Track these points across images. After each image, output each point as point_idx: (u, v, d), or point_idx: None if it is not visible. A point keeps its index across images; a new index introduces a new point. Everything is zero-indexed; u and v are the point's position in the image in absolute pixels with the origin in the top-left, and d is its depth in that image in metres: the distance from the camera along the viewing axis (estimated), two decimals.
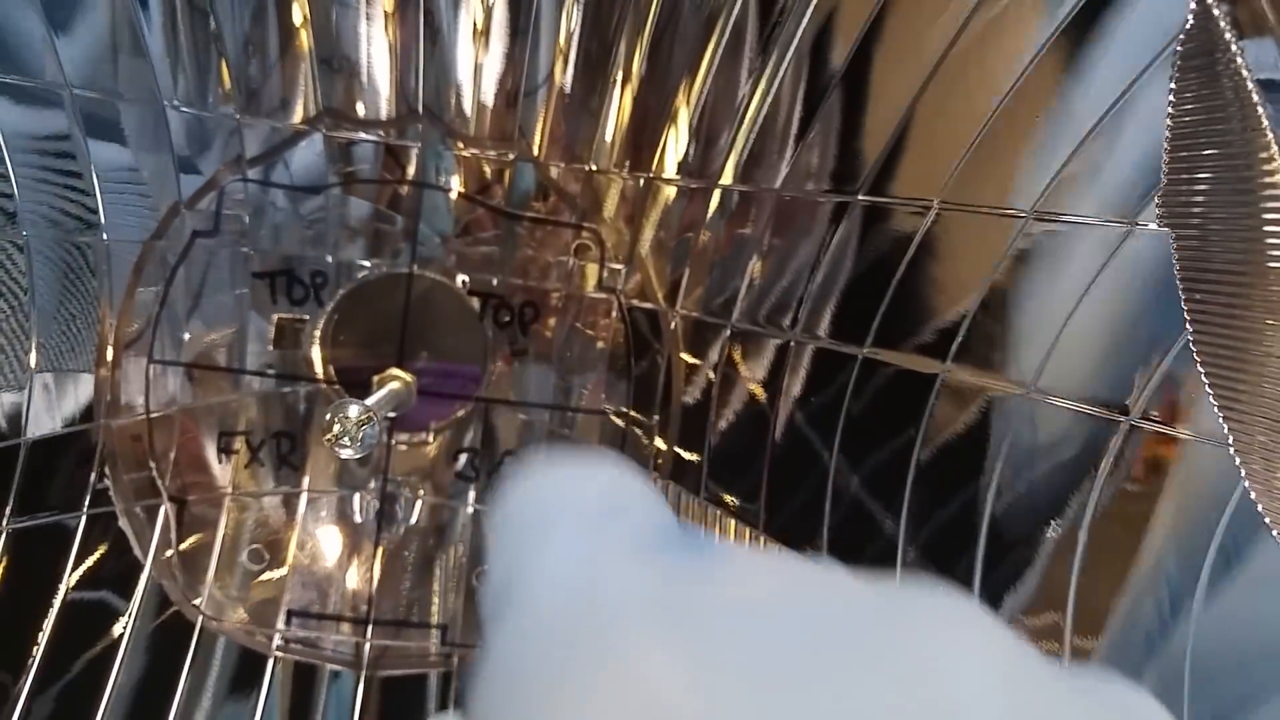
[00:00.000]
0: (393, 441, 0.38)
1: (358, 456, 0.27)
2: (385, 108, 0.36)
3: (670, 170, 0.37)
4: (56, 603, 0.33)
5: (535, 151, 0.37)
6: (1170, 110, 0.24)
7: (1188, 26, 0.22)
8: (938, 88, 0.29)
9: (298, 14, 0.34)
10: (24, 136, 0.32)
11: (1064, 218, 0.26)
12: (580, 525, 0.16)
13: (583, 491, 0.17)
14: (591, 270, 0.39)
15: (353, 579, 0.38)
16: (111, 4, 0.32)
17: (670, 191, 0.38)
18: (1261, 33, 0.22)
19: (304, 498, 0.38)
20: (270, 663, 0.36)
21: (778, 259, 0.37)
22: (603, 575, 0.14)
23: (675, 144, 0.37)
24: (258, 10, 0.34)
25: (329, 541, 0.38)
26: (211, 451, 0.37)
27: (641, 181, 0.37)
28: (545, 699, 0.13)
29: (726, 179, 0.37)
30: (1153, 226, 0.24)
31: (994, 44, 0.28)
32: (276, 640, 0.37)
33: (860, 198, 0.31)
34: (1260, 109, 0.21)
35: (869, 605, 0.14)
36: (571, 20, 0.35)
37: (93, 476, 0.35)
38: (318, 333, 0.38)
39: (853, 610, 0.13)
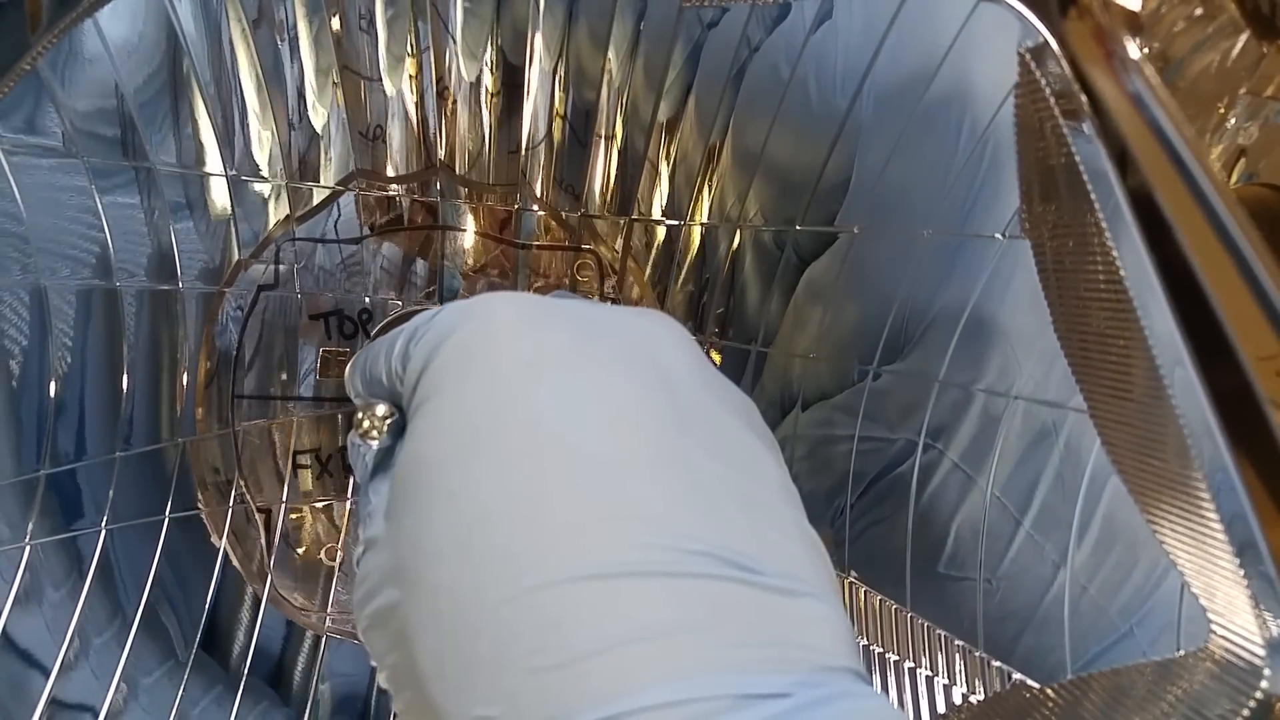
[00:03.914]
0: None
1: (382, 449, 0.29)
2: (410, 166, 0.43)
3: (655, 211, 0.44)
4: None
5: (538, 197, 0.44)
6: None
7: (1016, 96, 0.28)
8: None
9: (329, 95, 0.41)
10: (120, 202, 0.39)
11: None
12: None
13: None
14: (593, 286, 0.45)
15: None
16: (179, 93, 0.38)
17: (656, 229, 0.44)
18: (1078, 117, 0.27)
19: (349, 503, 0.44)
20: (323, 640, 0.43)
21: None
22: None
23: (657, 188, 0.43)
24: (298, 95, 0.41)
25: None
26: (286, 466, 0.44)
27: (623, 222, 0.44)
28: None
29: (701, 216, 0.43)
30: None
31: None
32: (328, 622, 0.43)
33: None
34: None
35: (627, 315, 0.28)
36: (561, 88, 0.41)
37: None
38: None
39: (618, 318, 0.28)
